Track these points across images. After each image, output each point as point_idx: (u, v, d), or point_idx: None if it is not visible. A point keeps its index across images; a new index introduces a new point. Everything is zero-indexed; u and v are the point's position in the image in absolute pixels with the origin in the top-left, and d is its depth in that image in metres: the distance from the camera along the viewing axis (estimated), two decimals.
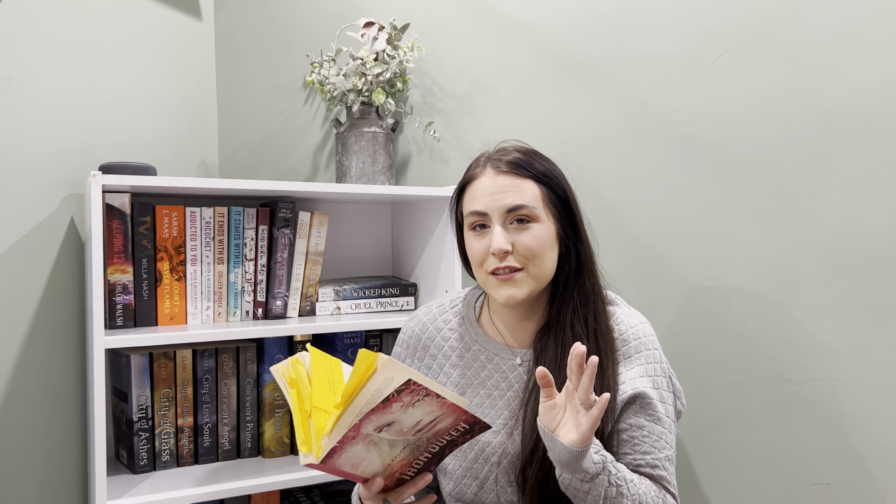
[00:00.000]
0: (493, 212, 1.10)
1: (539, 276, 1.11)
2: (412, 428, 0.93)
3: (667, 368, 1.15)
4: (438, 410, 0.92)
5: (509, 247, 1.09)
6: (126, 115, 1.64)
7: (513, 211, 1.10)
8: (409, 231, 1.80)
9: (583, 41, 1.56)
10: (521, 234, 1.10)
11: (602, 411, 0.91)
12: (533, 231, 1.10)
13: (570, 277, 1.14)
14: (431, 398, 0.89)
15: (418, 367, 1.24)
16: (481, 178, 1.13)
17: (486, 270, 1.12)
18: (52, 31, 1.49)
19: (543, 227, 1.11)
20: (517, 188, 1.11)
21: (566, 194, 1.14)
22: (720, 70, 1.39)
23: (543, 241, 1.10)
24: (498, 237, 1.09)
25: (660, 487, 1.05)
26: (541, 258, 1.10)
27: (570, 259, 1.14)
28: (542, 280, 1.12)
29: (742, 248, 1.38)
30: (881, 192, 1.24)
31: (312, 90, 1.86)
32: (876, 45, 1.24)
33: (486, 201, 1.11)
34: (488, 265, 1.11)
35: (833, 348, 1.29)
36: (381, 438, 0.93)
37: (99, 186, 1.28)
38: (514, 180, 1.11)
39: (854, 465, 1.28)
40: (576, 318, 1.12)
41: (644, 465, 1.07)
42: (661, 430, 1.09)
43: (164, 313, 1.46)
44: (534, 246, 1.09)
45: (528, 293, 1.11)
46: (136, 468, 1.45)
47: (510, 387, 1.16)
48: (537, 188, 1.12)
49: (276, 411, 1.55)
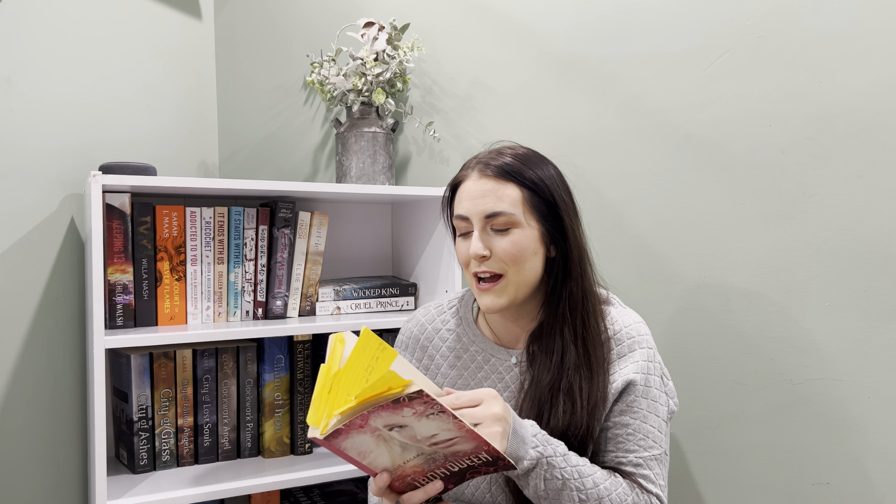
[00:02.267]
0: (472, 216, 1.11)
1: (520, 282, 1.11)
2: (427, 439, 0.93)
3: (660, 368, 1.15)
4: (456, 431, 0.91)
5: (486, 252, 1.10)
6: (126, 115, 1.64)
7: (490, 217, 1.10)
8: (409, 231, 1.80)
9: (583, 41, 1.56)
10: (500, 240, 1.10)
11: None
12: (512, 237, 1.10)
13: (559, 279, 1.14)
14: (447, 417, 0.89)
15: (416, 368, 1.24)
16: (467, 182, 1.14)
17: (471, 273, 1.13)
18: (53, 31, 1.49)
19: (523, 233, 1.10)
20: (496, 194, 1.10)
21: (553, 198, 1.12)
22: (720, 70, 1.39)
23: (523, 246, 1.10)
24: (474, 242, 1.10)
25: (634, 486, 1.06)
26: (520, 264, 1.10)
27: (557, 263, 1.13)
28: (523, 286, 1.12)
29: (742, 248, 1.38)
30: (881, 192, 1.24)
31: (312, 90, 1.86)
32: (876, 45, 1.24)
33: (468, 206, 1.12)
34: (472, 268, 1.13)
35: (833, 348, 1.29)
36: (393, 437, 0.93)
37: (99, 186, 1.28)
38: (495, 185, 1.11)
39: (854, 465, 1.28)
40: (565, 323, 1.12)
41: (626, 462, 1.07)
42: (649, 428, 1.09)
43: (164, 313, 1.46)
44: (512, 252, 1.09)
45: (509, 301, 1.11)
46: (137, 468, 1.45)
47: (506, 387, 1.16)
48: (519, 192, 1.11)
49: (276, 411, 1.55)
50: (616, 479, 1.05)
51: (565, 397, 1.08)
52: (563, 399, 1.08)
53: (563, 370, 1.09)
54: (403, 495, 1.01)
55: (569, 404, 1.08)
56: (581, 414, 1.07)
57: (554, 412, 1.08)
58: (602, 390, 1.09)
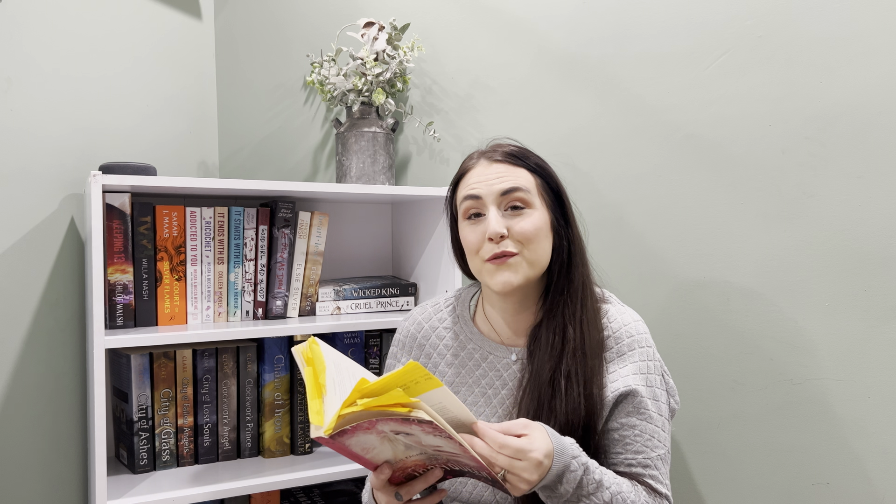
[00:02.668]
0: (487, 196, 1.11)
1: (534, 261, 1.11)
2: (432, 447, 0.94)
3: (660, 366, 1.15)
4: (462, 454, 0.93)
5: (505, 230, 1.09)
6: (126, 115, 1.64)
7: (507, 193, 1.11)
8: (409, 231, 1.80)
9: (583, 41, 1.56)
10: (517, 219, 1.11)
11: None
12: (528, 216, 1.11)
13: (562, 269, 1.14)
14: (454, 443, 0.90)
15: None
16: (475, 169, 1.15)
17: (483, 258, 1.12)
18: (52, 31, 1.49)
19: (538, 214, 1.12)
20: (512, 173, 1.13)
21: (558, 186, 1.16)
22: (720, 70, 1.39)
23: (539, 226, 1.11)
24: (493, 220, 1.10)
25: (650, 491, 1.06)
26: (536, 243, 1.11)
27: (563, 250, 1.15)
28: (537, 266, 1.12)
29: (742, 248, 1.38)
30: (881, 192, 1.24)
31: (312, 90, 1.86)
32: (876, 45, 1.24)
33: (481, 186, 1.12)
34: (484, 252, 1.11)
35: (833, 348, 1.29)
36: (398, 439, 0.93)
37: (99, 186, 1.28)
38: (508, 167, 1.13)
39: (854, 465, 1.28)
40: (566, 307, 1.13)
41: (636, 464, 1.07)
42: (654, 428, 1.09)
43: (165, 313, 1.46)
44: (529, 230, 1.10)
45: (524, 279, 1.11)
46: (137, 468, 1.45)
47: (504, 385, 1.16)
48: (531, 176, 1.14)
49: (276, 411, 1.55)
50: (636, 487, 1.05)
51: (566, 382, 1.08)
52: (563, 384, 1.08)
53: (563, 356, 1.09)
54: (403, 486, 1.01)
55: (570, 389, 1.07)
56: (579, 400, 1.07)
57: (556, 399, 1.07)
58: (598, 377, 1.09)
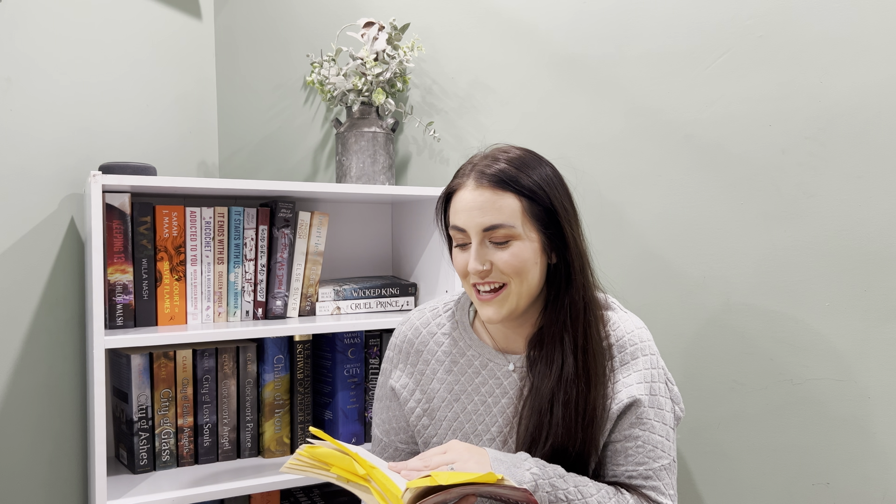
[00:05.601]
0: (470, 229, 1.08)
1: (522, 292, 1.08)
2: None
3: (664, 374, 1.14)
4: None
5: (485, 267, 1.07)
6: (126, 115, 1.64)
7: (489, 230, 1.07)
8: (409, 231, 1.80)
9: (583, 41, 1.56)
10: (500, 253, 1.07)
11: None
12: (512, 249, 1.07)
13: (561, 287, 1.11)
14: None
15: (411, 373, 1.22)
16: (463, 191, 1.10)
17: (469, 283, 1.11)
18: (52, 31, 1.49)
19: (523, 245, 1.07)
20: (495, 205, 1.07)
21: (552, 205, 1.08)
22: (720, 70, 1.39)
23: (524, 258, 1.07)
24: (472, 259, 1.07)
25: (643, 500, 1.05)
26: (522, 275, 1.07)
27: (560, 270, 1.11)
28: (525, 296, 1.09)
29: (742, 248, 1.38)
30: (881, 192, 1.24)
31: (312, 90, 1.86)
32: (876, 45, 1.24)
33: (465, 218, 1.08)
34: (471, 279, 1.10)
35: (833, 348, 1.29)
36: None
37: (99, 186, 1.28)
38: (492, 196, 1.07)
39: (854, 465, 1.28)
40: (565, 332, 1.09)
41: (637, 475, 1.07)
42: (658, 438, 1.08)
43: (164, 313, 1.46)
44: (513, 264, 1.06)
45: (509, 312, 1.09)
46: (137, 468, 1.45)
47: (504, 393, 1.14)
48: (518, 202, 1.07)
49: (276, 411, 1.55)
50: (622, 496, 1.04)
51: (563, 409, 1.06)
52: (561, 411, 1.06)
53: (561, 382, 1.08)
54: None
55: (568, 417, 1.06)
56: (577, 429, 1.06)
57: (553, 422, 1.07)
58: (601, 403, 1.08)
